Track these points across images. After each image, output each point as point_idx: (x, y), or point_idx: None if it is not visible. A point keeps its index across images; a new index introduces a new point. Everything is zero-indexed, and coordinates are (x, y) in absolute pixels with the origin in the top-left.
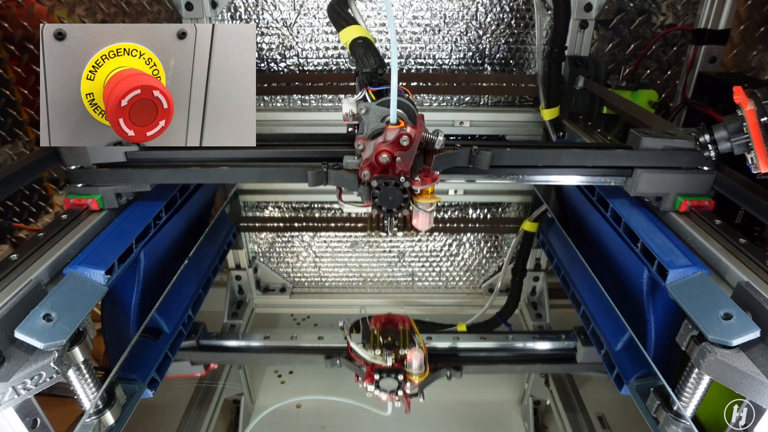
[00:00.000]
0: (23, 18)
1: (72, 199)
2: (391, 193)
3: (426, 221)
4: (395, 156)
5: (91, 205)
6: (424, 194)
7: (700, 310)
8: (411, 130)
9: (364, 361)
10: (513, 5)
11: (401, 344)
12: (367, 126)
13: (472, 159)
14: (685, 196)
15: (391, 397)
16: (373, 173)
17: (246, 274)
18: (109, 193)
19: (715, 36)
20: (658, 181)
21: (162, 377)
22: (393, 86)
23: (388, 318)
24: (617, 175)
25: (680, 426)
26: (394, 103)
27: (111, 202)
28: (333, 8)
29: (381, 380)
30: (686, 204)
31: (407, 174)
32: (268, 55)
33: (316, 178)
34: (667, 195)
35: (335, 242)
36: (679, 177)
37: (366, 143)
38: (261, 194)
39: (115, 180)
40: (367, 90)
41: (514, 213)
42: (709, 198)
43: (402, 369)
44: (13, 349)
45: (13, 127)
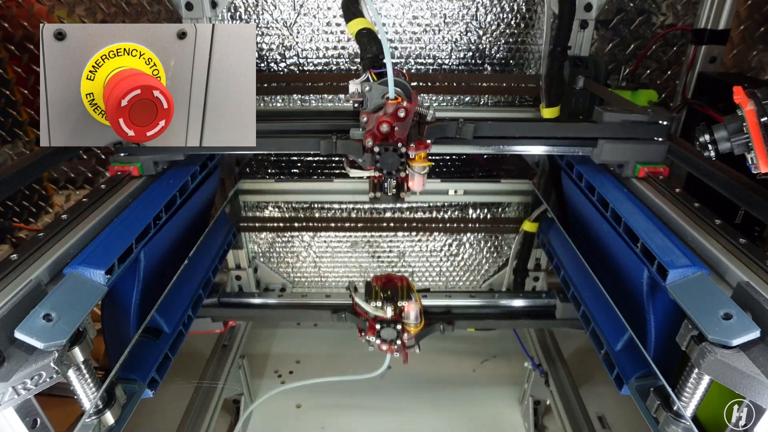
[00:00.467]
0: (23, 18)
1: (116, 167)
2: (391, 157)
3: (420, 182)
4: (394, 126)
5: (133, 171)
6: (418, 158)
7: (700, 310)
8: (407, 104)
9: (366, 314)
10: (513, 5)
11: (399, 298)
12: (370, 102)
13: (459, 130)
14: (642, 164)
15: (390, 348)
16: (375, 141)
17: (246, 274)
18: (148, 161)
19: (715, 36)
20: (618, 150)
21: (162, 377)
22: (389, 67)
23: (388, 277)
24: (584, 145)
25: (680, 426)
26: (391, 82)
27: (149, 169)
28: (345, 4)
29: (382, 330)
30: (644, 170)
31: (404, 141)
32: (268, 55)
33: (327, 146)
34: (627, 163)
35: (335, 242)
36: (637, 146)
37: (369, 116)
38: (261, 194)
39: (153, 150)
40: (370, 72)
41: (514, 213)
42: (663, 165)
43: (400, 320)
44: (13, 349)
45: (13, 127)
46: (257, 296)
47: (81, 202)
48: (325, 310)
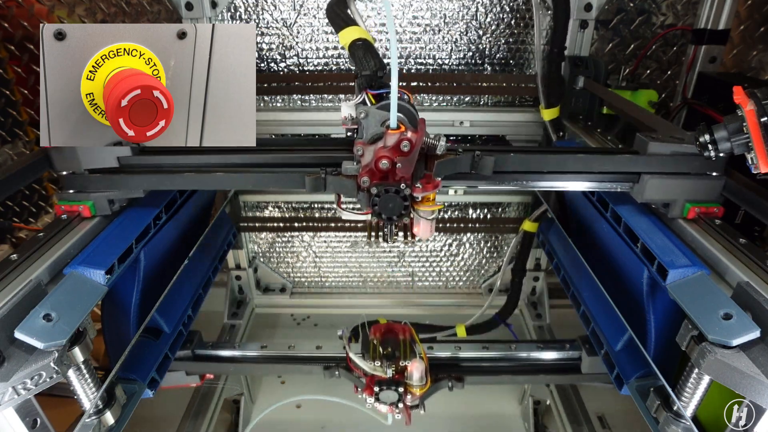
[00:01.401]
0: (23, 18)
1: (63, 206)
2: (392, 200)
3: (427, 230)
4: (395, 162)
5: (83, 212)
6: (426, 201)
7: (700, 310)
8: (412, 135)
9: (363, 372)
10: (513, 5)
11: (402, 355)
12: (367, 130)
13: (475, 164)
14: (693, 203)
15: (391, 409)
16: (373, 180)
17: (246, 274)
18: (101, 199)
19: (715, 36)
20: (666, 187)
21: (162, 377)
22: (393, 90)
23: (388, 327)
24: (624, 180)
25: (680, 426)
26: (394, 107)
27: (103, 209)
28: (332, 9)
29: (381, 392)
30: (695, 210)
31: (408, 180)
32: (268, 55)
33: (314, 184)
34: (675, 201)
35: (335, 242)
36: (688, 183)
37: (365, 148)
38: (261, 194)
39: (108, 186)
40: (367, 93)
41: (514, 213)
42: (717, 204)
43: (402, 381)
44: (13, 349)
45: (13, 127)
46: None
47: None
48: (315, 364)
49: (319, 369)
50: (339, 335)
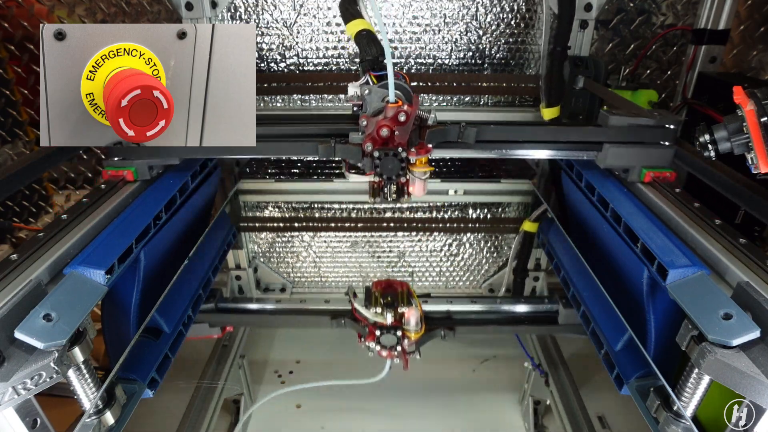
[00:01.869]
0: (23, 18)
1: (110, 171)
2: (391, 162)
3: (421, 188)
4: (394, 130)
5: (127, 176)
6: (419, 163)
7: (700, 310)
8: (407, 108)
9: (366, 320)
10: (513, 5)
11: (399, 304)
12: (370, 105)
13: (461, 134)
14: (648, 168)
15: (390, 354)
16: (375, 146)
17: (246, 274)
18: (142, 166)
19: (715, 36)
20: (624, 155)
21: (162, 377)
22: (389, 70)
23: (388, 282)
24: (589, 149)
25: (680, 426)
26: (391, 85)
27: (144, 174)
28: (343, 4)
29: (381, 336)
30: (650, 175)
31: (404, 146)
32: (268, 55)
33: (325, 151)
34: (633, 167)
35: (335, 242)
36: (643, 151)
37: (369, 120)
38: (261, 194)
39: (148, 154)
40: (370, 75)
41: (514, 213)
42: (670, 170)
43: (400, 326)
44: (13, 349)
45: (13, 127)
46: (255, 301)
47: (81, 202)
48: (323, 316)
49: (327, 320)
50: (345, 292)
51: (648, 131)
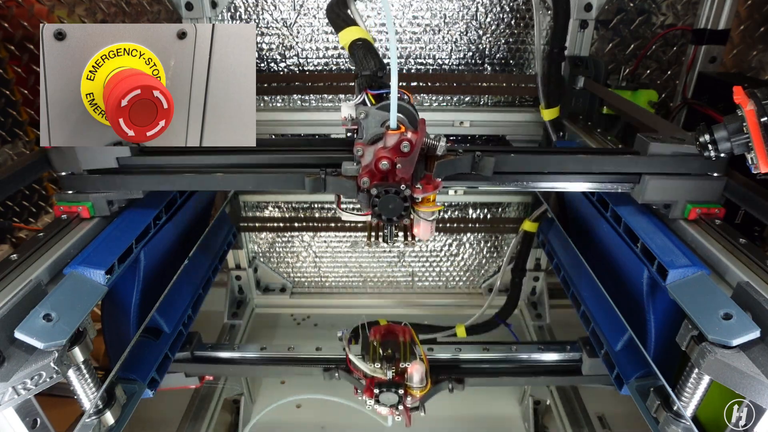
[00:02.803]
0: (23, 18)
1: (62, 206)
2: (392, 201)
3: (427, 230)
4: (395, 162)
5: (82, 212)
6: (426, 202)
7: (700, 310)
8: (412, 136)
9: (363, 373)
10: (513, 5)
11: (402, 357)
12: (367, 131)
13: (475, 165)
14: (694, 204)
15: (391, 411)
16: (373, 180)
17: (246, 274)
18: (100, 200)
19: (715, 36)
20: (666, 188)
21: (162, 377)
22: (393, 90)
23: (388, 329)
24: (624, 181)
25: (680, 426)
26: (394, 108)
27: (102, 210)
28: (332, 9)
29: (381, 394)
30: (695, 211)
31: (408, 181)
32: (268, 55)
33: (313, 185)
34: (676, 202)
35: (335, 242)
36: (689, 183)
37: (365, 149)
38: (261, 194)
39: (107, 187)
40: (367, 93)
41: (514, 213)
42: (719, 205)
43: (402, 383)
44: (13, 349)
45: (13, 127)
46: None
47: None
48: (314, 366)
49: (319, 371)
50: (339, 336)
51: (695, 161)
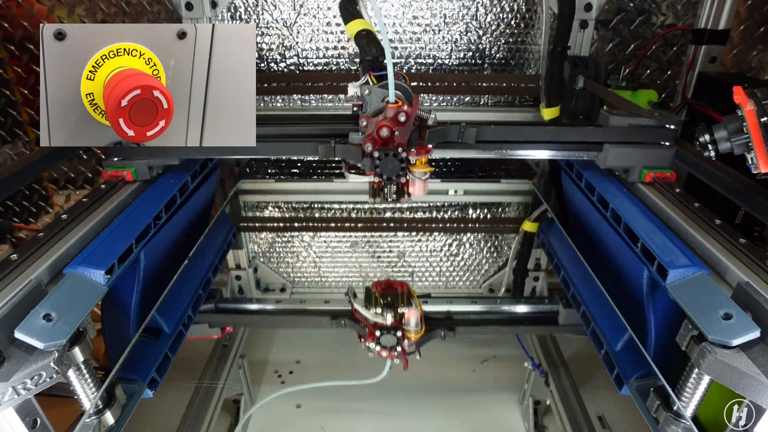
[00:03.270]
0: (23, 18)
1: (109, 171)
2: (391, 162)
3: (421, 188)
4: (394, 130)
5: (127, 176)
6: (419, 164)
7: (699, 310)
8: (407, 108)
9: (366, 320)
10: (513, 5)
11: (399, 304)
12: (370, 105)
13: (461, 135)
14: (649, 168)
15: (390, 354)
16: (375, 146)
17: (246, 274)
18: (142, 166)
19: (715, 36)
20: (624, 155)
21: (162, 377)
22: (389, 70)
23: (388, 283)
24: (589, 149)
25: (680, 426)
26: (392, 85)
27: (144, 174)
28: (343, 4)
29: (381, 337)
30: (650, 175)
31: (404, 146)
32: (268, 55)
33: (325, 151)
34: (634, 167)
35: (335, 242)
36: (643, 151)
37: (369, 120)
38: (261, 194)
39: (148, 154)
40: (370, 75)
41: (514, 213)
42: (670, 170)
43: (400, 326)
44: (13, 349)
45: (13, 127)
46: (255, 302)
47: (81, 202)
48: (323, 316)
49: (328, 320)
50: (344, 292)
51: (648, 131)
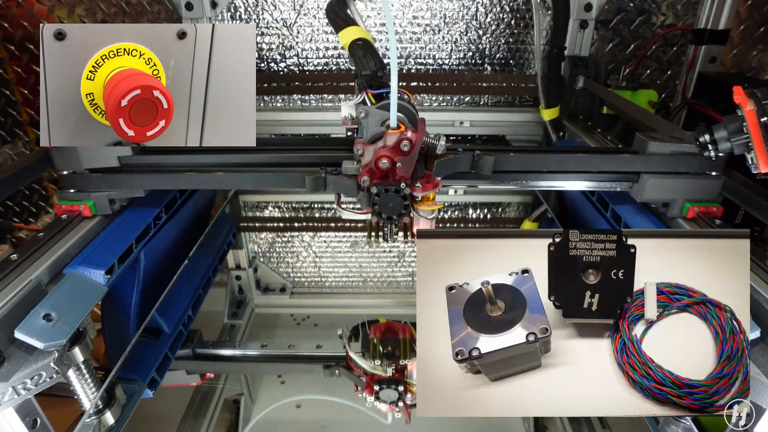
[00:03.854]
0: (23, 18)
1: (64, 205)
2: (392, 199)
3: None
4: (395, 161)
5: (84, 211)
6: (425, 201)
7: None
8: (412, 135)
9: (363, 371)
10: (513, 5)
11: (402, 354)
12: (367, 130)
13: (475, 164)
14: (692, 202)
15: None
16: (373, 179)
17: (246, 274)
18: (101, 198)
19: (715, 36)
20: (665, 187)
21: (162, 377)
22: (393, 90)
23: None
24: (623, 180)
25: (680, 426)
26: (394, 107)
27: (104, 209)
28: (332, 9)
29: (381, 391)
30: (694, 210)
31: (408, 180)
32: (268, 55)
33: (314, 184)
34: (675, 201)
35: (335, 242)
36: (687, 182)
37: (365, 148)
38: (261, 194)
39: (108, 185)
40: (367, 93)
41: (514, 213)
42: (717, 204)
43: (402, 379)
44: (13, 349)
45: (13, 127)
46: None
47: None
48: (315, 363)
49: (320, 368)
50: (339, 334)
51: (694, 160)
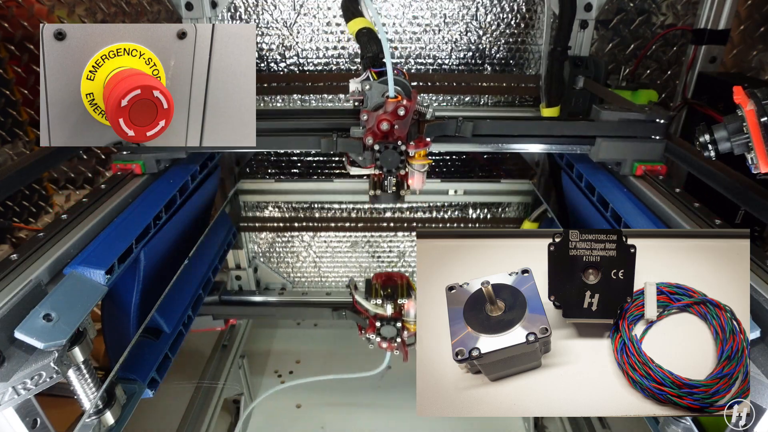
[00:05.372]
0: (23, 18)
1: (119, 164)
2: (390, 155)
3: (420, 180)
4: (393, 124)
5: (135, 169)
6: (418, 156)
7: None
8: (406, 103)
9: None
10: (513, 5)
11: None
12: (370, 100)
13: (458, 128)
14: (640, 161)
15: (390, 345)
16: (375, 139)
17: (246, 274)
18: (150, 159)
19: (715, 36)
20: (616, 149)
21: (162, 377)
22: (388, 66)
23: (388, 275)
24: (582, 143)
25: (680, 426)
26: (391, 81)
27: (152, 167)
28: (345, 3)
29: (382, 328)
30: (641, 168)
31: (404, 139)
32: (268, 55)
33: (327, 144)
34: (625, 160)
35: (335, 242)
36: (635, 145)
37: (369, 114)
38: (261, 194)
39: (156, 149)
40: (370, 71)
41: (514, 213)
42: (661, 163)
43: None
44: (13, 349)
45: (13, 127)
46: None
47: (81, 202)
48: (325, 308)
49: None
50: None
51: (639, 126)
